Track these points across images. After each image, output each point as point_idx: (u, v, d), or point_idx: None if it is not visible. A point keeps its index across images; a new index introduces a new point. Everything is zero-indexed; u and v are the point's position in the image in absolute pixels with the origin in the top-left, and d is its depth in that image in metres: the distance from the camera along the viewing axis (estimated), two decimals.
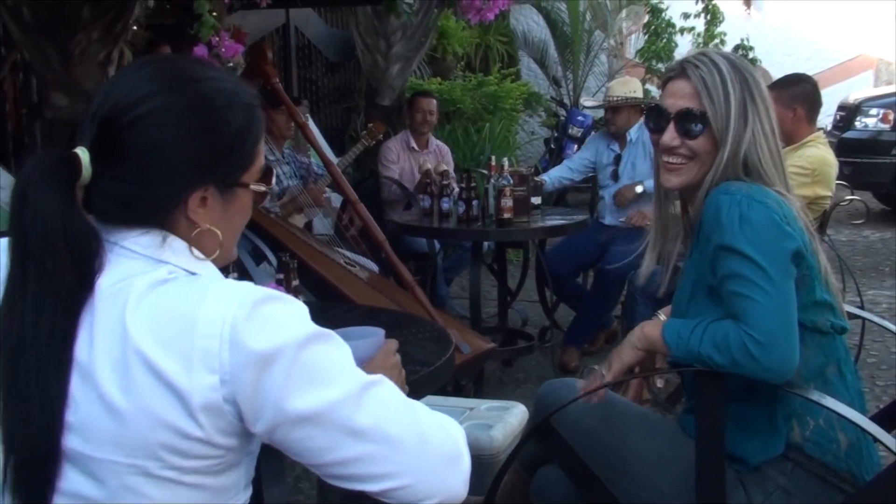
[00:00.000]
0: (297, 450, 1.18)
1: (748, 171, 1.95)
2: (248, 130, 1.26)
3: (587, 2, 10.92)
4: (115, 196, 1.20)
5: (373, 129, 5.48)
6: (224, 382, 1.12)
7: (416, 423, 1.21)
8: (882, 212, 9.46)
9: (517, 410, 3.19)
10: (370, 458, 1.17)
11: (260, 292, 1.16)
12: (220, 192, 1.24)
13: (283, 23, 8.14)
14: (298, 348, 1.14)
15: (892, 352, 4.93)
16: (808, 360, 1.91)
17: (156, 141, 1.19)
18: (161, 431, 1.12)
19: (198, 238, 1.24)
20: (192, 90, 1.23)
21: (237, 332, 1.12)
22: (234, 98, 1.25)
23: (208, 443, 1.14)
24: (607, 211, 5.21)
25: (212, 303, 1.14)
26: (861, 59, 11.91)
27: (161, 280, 1.17)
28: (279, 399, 1.13)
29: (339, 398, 1.15)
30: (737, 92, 1.96)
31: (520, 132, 9.78)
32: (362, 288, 3.90)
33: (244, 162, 1.26)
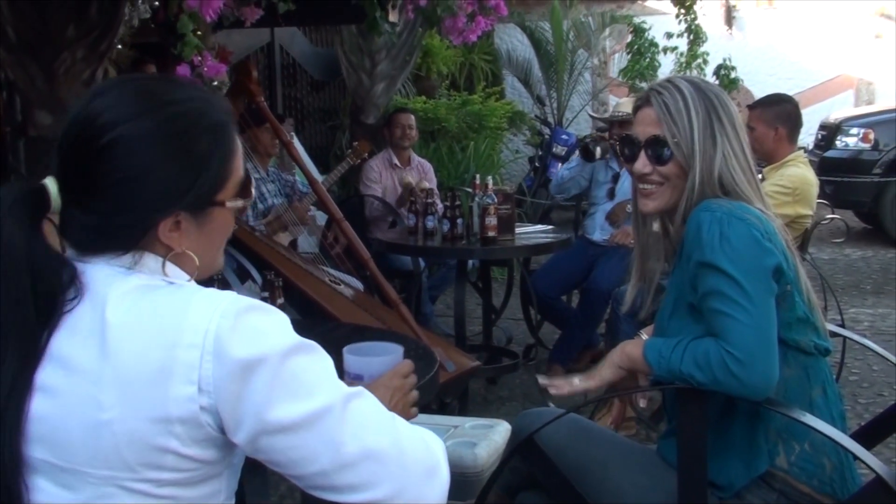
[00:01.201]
0: (277, 460, 1.18)
1: (725, 191, 1.98)
2: (216, 151, 1.24)
3: (571, 21, 10.99)
4: (85, 225, 1.20)
5: (358, 148, 5.50)
6: (203, 392, 1.12)
7: (396, 435, 1.22)
8: (863, 230, 9.53)
9: (501, 428, 3.19)
10: (350, 469, 1.17)
11: (243, 302, 1.17)
12: (192, 214, 1.23)
13: (267, 41, 8.16)
14: (282, 358, 1.15)
15: (873, 370, 4.96)
16: (793, 382, 1.93)
17: (121, 171, 1.18)
18: (136, 444, 1.12)
19: (175, 259, 1.24)
20: (156, 117, 1.21)
21: (221, 342, 1.12)
22: (200, 120, 1.23)
23: (184, 455, 1.14)
24: (597, 228, 5.22)
25: (195, 313, 1.14)
26: (842, 78, 12.01)
27: (140, 285, 1.18)
28: (261, 409, 1.13)
29: (320, 409, 1.16)
30: (701, 115, 1.99)
31: (504, 151, 9.81)
32: (347, 306, 3.90)
33: (215, 182, 1.24)
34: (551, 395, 2.12)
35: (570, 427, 2.14)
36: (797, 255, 1.99)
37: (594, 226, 5.25)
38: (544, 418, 2.12)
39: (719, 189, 1.97)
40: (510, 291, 5.92)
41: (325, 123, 9.23)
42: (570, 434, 2.13)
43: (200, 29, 3.02)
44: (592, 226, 5.27)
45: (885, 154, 8.73)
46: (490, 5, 4.20)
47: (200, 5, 2.81)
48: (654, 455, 2.12)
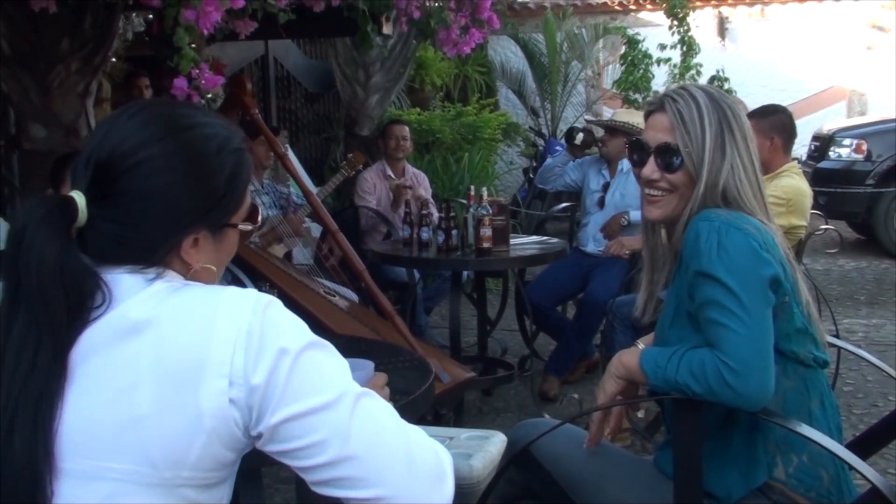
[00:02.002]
0: (289, 450, 1.20)
1: (727, 202, 1.97)
2: (239, 175, 1.32)
3: (564, 33, 11.03)
4: (110, 236, 1.24)
5: (352, 160, 5.51)
6: (233, 385, 1.16)
7: (406, 438, 1.24)
8: (857, 241, 9.56)
9: (497, 439, 3.18)
10: (358, 462, 1.19)
11: (268, 299, 1.23)
12: (211, 233, 1.30)
13: (262, 54, 8.18)
14: (301, 351, 1.20)
15: (868, 381, 4.97)
16: (793, 394, 1.92)
17: (152, 187, 1.23)
18: (164, 438, 1.15)
19: (194, 275, 1.29)
20: (186, 137, 1.27)
21: (252, 337, 1.17)
22: (226, 144, 1.31)
23: (207, 454, 1.17)
24: (590, 239, 5.23)
25: (226, 311, 1.19)
26: (834, 90, 12.07)
27: (166, 287, 1.22)
28: (283, 397, 1.18)
29: (333, 399, 1.20)
30: (713, 125, 1.98)
31: (498, 162, 9.83)
32: (342, 317, 3.90)
33: (234, 205, 1.32)
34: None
35: (566, 438, 2.14)
36: (797, 267, 1.99)
37: (587, 237, 5.26)
38: (540, 429, 2.12)
39: (721, 200, 1.97)
40: (505, 302, 5.92)
41: (320, 135, 9.25)
42: (567, 445, 2.13)
43: (195, 42, 3.03)
44: (585, 237, 5.28)
45: (878, 165, 8.76)
46: (483, 18, 4.21)
47: (197, 18, 2.82)
48: (651, 466, 2.12)
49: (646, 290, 2.17)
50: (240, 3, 2.94)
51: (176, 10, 2.84)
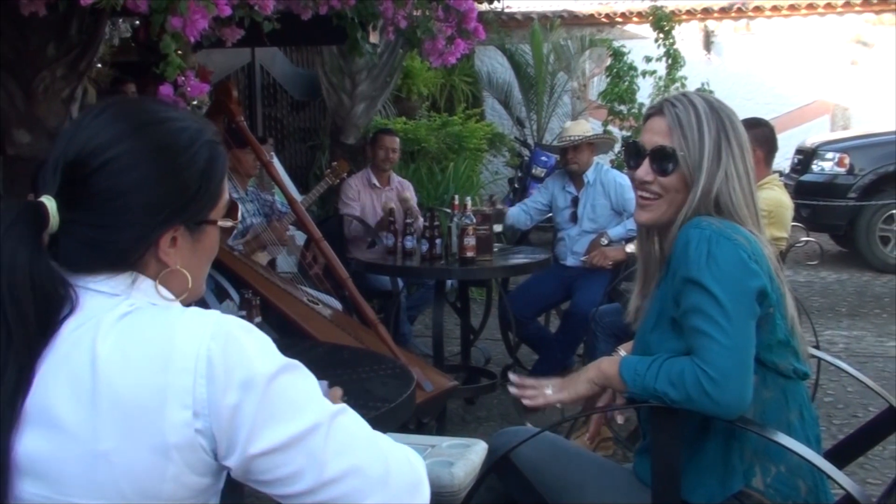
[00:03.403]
0: (265, 480, 1.17)
1: (720, 210, 1.98)
2: (213, 168, 1.27)
3: (551, 44, 11.08)
4: (83, 241, 1.20)
5: (337, 168, 5.51)
6: (199, 416, 1.12)
7: (380, 451, 1.22)
8: (838, 253, 9.63)
9: (479, 448, 3.19)
10: (335, 485, 1.17)
11: (229, 322, 1.17)
12: (189, 231, 1.25)
13: (248, 61, 8.18)
14: (270, 379, 1.15)
15: (848, 391, 5.00)
16: (772, 405, 1.94)
17: (124, 186, 1.19)
18: (133, 474, 1.11)
19: (166, 278, 1.24)
20: (156, 132, 1.23)
21: (212, 365, 1.13)
22: (198, 136, 1.26)
23: (181, 484, 1.14)
24: (568, 253, 5.26)
25: (183, 337, 1.14)
26: (818, 104, 12.15)
27: (124, 313, 1.17)
28: (252, 429, 1.14)
29: (309, 427, 1.16)
30: (712, 132, 2.00)
31: (484, 172, 9.86)
32: (325, 325, 3.90)
33: (211, 199, 1.27)
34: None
35: (547, 446, 2.16)
36: (784, 281, 2.00)
37: (565, 251, 5.29)
38: (521, 437, 2.13)
39: (714, 208, 1.98)
40: (488, 312, 5.93)
41: (305, 143, 9.25)
42: (547, 453, 2.14)
43: (181, 49, 3.02)
44: (563, 252, 5.30)
45: (860, 178, 8.83)
46: (469, 28, 4.23)
47: (184, 26, 2.81)
48: (630, 474, 2.13)
49: (637, 296, 2.17)
50: (227, 11, 2.94)
51: (163, 17, 2.84)
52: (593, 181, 5.17)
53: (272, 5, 3.30)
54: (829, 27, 12.12)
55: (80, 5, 2.75)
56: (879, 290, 8.04)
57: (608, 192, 5.13)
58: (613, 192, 5.13)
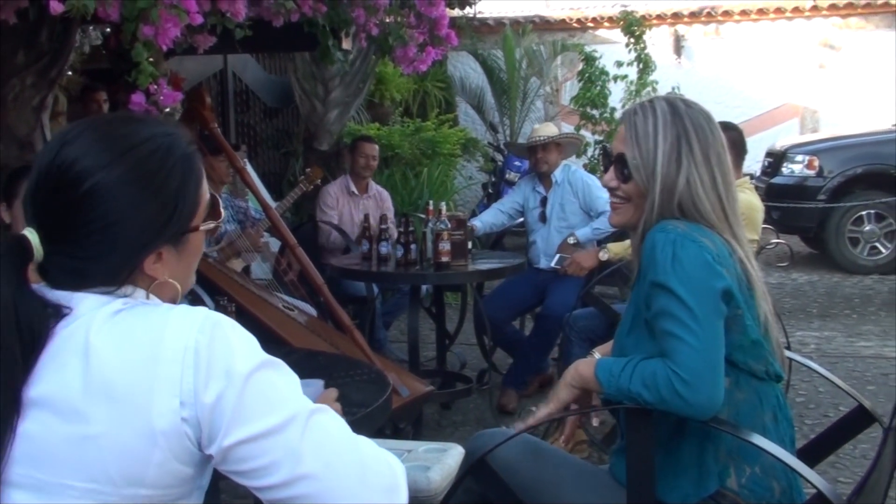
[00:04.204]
0: (242, 470, 1.20)
1: (684, 214, 2.00)
2: (189, 180, 1.29)
3: (523, 49, 11.12)
4: (69, 269, 1.23)
5: (311, 174, 5.51)
6: (185, 405, 1.16)
7: (358, 452, 1.25)
8: (809, 255, 9.73)
9: (455, 452, 3.20)
10: (312, 481, 1.20)
11: (217, 317, 1.22)
12: (174, 245, 1.29)
13: (220, 68, 8.15)
14: (252, 372, 1.19)
15: (819, 392, 5.05)
16: (746, 407, 1.96)
17: (102, 218, 1.22)
18: (121, 457, 1.15)
19: (155, 289, 1.29)
20: (130, 159, 1.24)
21: (199, 356, 1.17)
22: (170, 153, 1.28)
23: (165, 470, 1.17)
24: (541, 255, 5.29)
25: (173, 330, 1.19)
26: (787, 107, 12.27)
27: (118, 310, 1.21)
28: (233, 419, 1.18)
29: (285, 420, 1.20)
30: (668, 139, 2.00)
31: (457, 177, 9.87)
32: (300, 331, 3.90)
33: (190, 210, 1.30)
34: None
35: (523, 448, 2.17)
36: (759, 281, 2.00)
37: (538, 254, 5.32)
38: (497, 439, 2.14)
39: (678, 212, 2.00)
40: (464, 317, 5.94)
41: (279, 150, 9.22)
42: (523, 455, 2.15)
43: (153, 56, 3.01)
44: (536, 255, 5.34)
45: (830, 181, 8.92)
46: (441, 35, 4.24)
47: (156, 34, 2.81)
48: (606, 475, 2.14)
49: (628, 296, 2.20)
50: (198, 20, 2.94)
51: (134, 25, 2.83)
52: (561, 181, 5.23)
53: (244, 12, 3.30)
54: (798, 31, 12.25)
55: (50, 13, 2.74)
56: (849, 291, 8.13)
57: (576, 192, 5.18)
58: (581, 191, 5.18)
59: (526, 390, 5.16)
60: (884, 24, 12.04)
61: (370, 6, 3.91)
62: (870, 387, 5.20)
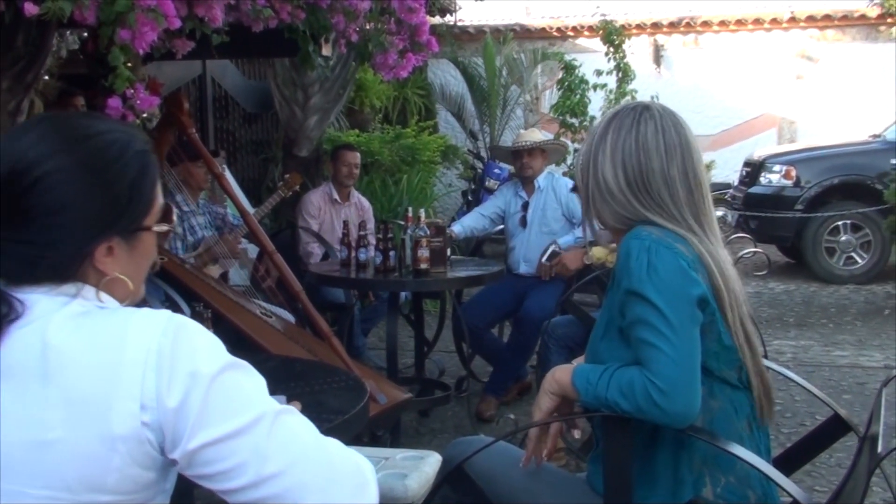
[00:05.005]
0: (209, 473, 1.19)
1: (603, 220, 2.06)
2: (144, 177, 1.29)
3: (503, 57, 11.16)
4: (20, 258, 1.22)
5: (289, 180, 5.48)
6: (146, 409, 1.15)
7: (325, 452, 1.24)
8: (786, 264, 9.79)
9: (432, 459, 3.19)
10: (279, 482, 1.19)
11: (179, 319, 1.21)
12: (124, 239, 1.28)
13: (199, 73, 8.11)
14: (217, 374, 1.18)
15: (795, 400, 5.08)
16: (720, 416, 1.95)
17: (56, 203, 1.21)
18: (79, 463, 1.14)
19: (107, 286, 1.27)
20: (85, 147, 1.25)
21: (162, 358, 1.16)
22: (127, 147, 1.28)
23: (125, 476, 1.16)
24: (520, 261, 5.29)
25: (135, 332, 1.18)
26: (765, 117, 12.37)
27: (77, 312, 1.20)
28: (197, 421, 1.16)
29: (251, 421, 1.19)
30: (588, 142, 2.07)
31: (437, 184, 9.88)
32: (278, 338, 3.88)
33: (144, 207, 1.30)
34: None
35: (500, 456, 2.16)
36: (736, 288, 1.99)
37: (517, 260, 5.33)
38: (474, 447, 2.13)
39: (600, 218, 2.05)
40: (442, 324, 5.94)
41: (258, 156, 9.19)
42: (500, 463, 2.14)
43: (131, 60, 2.99)
44: (516, 260, 5.34)
45: (807, 190, 9.00)
46: (422, 41, 4.24)
47: (133, 38, 2.78)
48: (583, 483, 2.14)
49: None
50: (176, 24, 2.92)
51: (111, 29, 2.81)
52: (544, 187, 5.25)
53: (221, 17, 3.28)
54: (776, 42, 12.36)
55: (25, 17, 2.71)
56: (826, 301, 8.19)
57: (559, 199, 5.20)
58: (564, 197, 5.20)
59: (505, 397, 5.16)
60: (860, 37, 12.17)
61: (350, 12, 3.90)
62: (846, 396, 5.24)
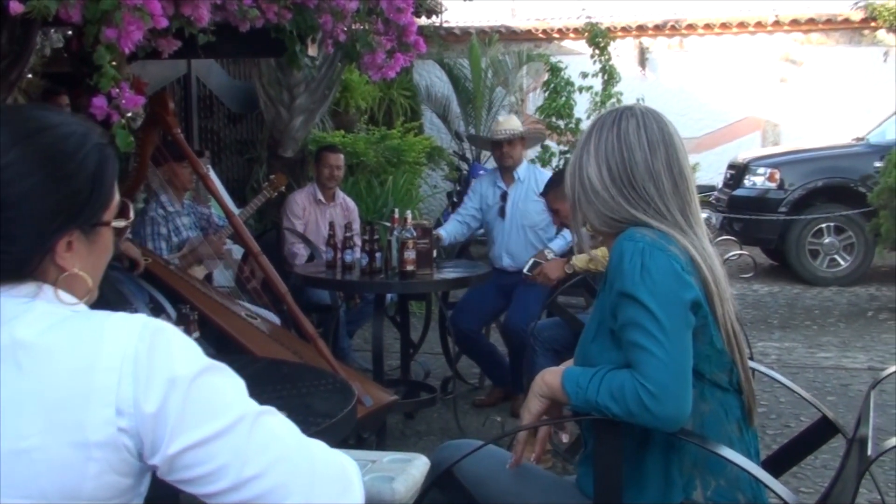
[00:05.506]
0: (190, 478, 1.17)
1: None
2: (104, 170, 1.28)
3: (489, 59, 11.15)
4: None
5: (275, 181, 5.46)
6: (122, 415, 1.13)
7: (307, 451, 1.23)
8: (770, 266, 9.83)
9: (419, 462, 3.18)
10: (261, 483, 1.17)
11: (155, 324, 1.19)
12: (84, 234, 1.26)
13: (184, 73, 8.08)
14: (195, 377, 1.17)
15: (780, 402, 5.10)
16: (711, 419, 1.95)
17: (15, 197, 1.19)
18: (55, 471, 1.12)
19: (65, 282, 1.24)
20: (42, 139, 1.23)
21: (138, 364, 1.14)
22: (85, 140, 1.27)
23: (101, 483, 1.14)
24: (503, 254, 5.27)
25: (110, 337, 1.16)
26: (749, 120, 12.42)
27: (49, 313, 1.18)
28: (177, 426, 1.15)
29: (231, 423, 1.17)
30: (577, 148, 2.06)
31: (423, 185, 9.86)
32: (263, 340, 3.86)
33: (103, 202, 1.28)
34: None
35: (489, 459, 2.15)
36: (723, 289, 1.99)
37: (500, 253, 5.30)
38: (463, 450, 2.12)
39: (602, 223, 2.03)
40: (428, 326, 5.93)
41: (243, 156, 9.15)
42: (489, 466, 2.13)
43: (115, 60, 2.97)
44: (498, 254, 5.31)
45: (791, 193, 9.04)
46: (409, 42, 4.23)
47: (119, 37, 2.76)
48: (572, 487, 2.13)
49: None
50: (163, 23, 2.90)
51: (97, 28, 2.78)
52: (525, 178, 5.22)
53: (207, 17, 3.26)
54: (760, 45, 12.42)
55: (9, 14, 2.69)
56: (810, 303, 8.23)
57: (541, 191, 5.16)
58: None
59: (485, 399, 5.20)
60: (844, 40, 12.24)
61: (338, 12, 3.89)
62: (830, 397, 5.26)
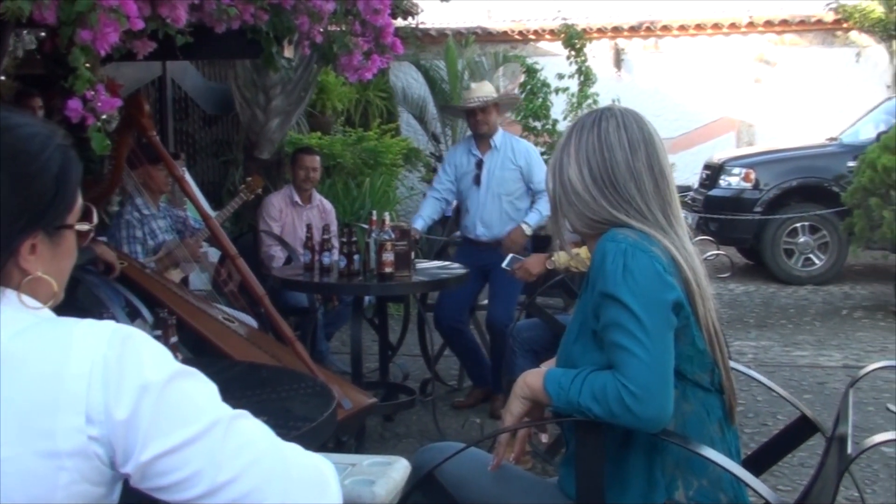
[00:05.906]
0: (164, 485, 1.16)
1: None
2: (68, 171, 1.26)
3: (465, 60, 11.16)
4: None
5: (251, 183, 5.43)
6: (93, 423, 1.11)
7: (281, 454, 1.22)
8: (746, 266, 9.90)
9: (400, 465, 3.16)
10: (236, 487, 1.16)
11: (125, 330, 1.18)
12: (48, 236, 1.24)
13: (159, 75, 8.01)
14: (167, 383, 1.15)
15: (758, 401, 5.13)
16: (693, 419, 1.95)
17: None
18: (26, 481, 1.10)
19: (29, 286, 1.23)
20: (6, 139, 1.21)
21: (108, 371, 1.13)
22: (49, 141, 1.25)
23: (73, 493, 1.12)
24: (477, 223, 5.23)
25: (79, 344, 1.14)
26: (724, 120, 12.50)
27: (15, 319, 1.16)
28: (149, 433, 1.13)
29: (205, 428, 1.16)
30: (557, 149, 2.07)
31: (400, 187, 9.85)
32: (241, 344, 3.83)
33: (67, 203, 1.27)
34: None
35: (471, 462, 2.15)
36: (706, 289, 2.00)
37: (473, 222, 5.25)
38: (445, 453, 2.11)
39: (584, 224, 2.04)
40: (406, 328, 5.91)
41: (218, 158, 9.10)
42: (470, 469, 2.13)
43: (90, 62, 2.94)
44: (472, 223, 5.26)
45: (766, 193, 9.11)
46: (386, 43, 4.22)
47: (94, 39, 2.73)
48: (554, 488, 2.13)
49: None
50: (139, 25, 2.87)
51: (72, 30, 2.75)
52: (501, 146, 5.17)
53: (185, 18, 3.24)
54: (734, 46, 12.50)
55: None
56: (785, 302, 8.28)
57: (517, 159, 5.14)
58: (524, 160, 5.14)
59: (463, 401, 5.20)
60: (817, 41, 12.35)
61: (314, 13, 3.87)
62: (806, 395, 5.30)
